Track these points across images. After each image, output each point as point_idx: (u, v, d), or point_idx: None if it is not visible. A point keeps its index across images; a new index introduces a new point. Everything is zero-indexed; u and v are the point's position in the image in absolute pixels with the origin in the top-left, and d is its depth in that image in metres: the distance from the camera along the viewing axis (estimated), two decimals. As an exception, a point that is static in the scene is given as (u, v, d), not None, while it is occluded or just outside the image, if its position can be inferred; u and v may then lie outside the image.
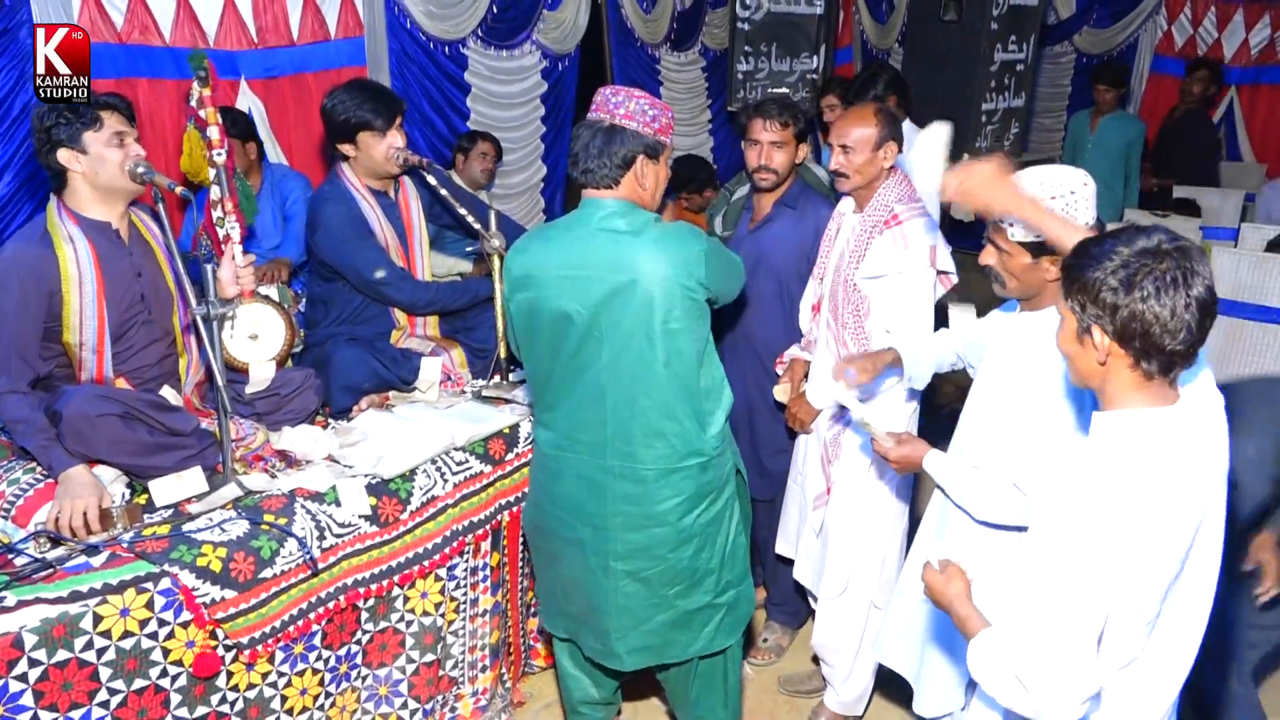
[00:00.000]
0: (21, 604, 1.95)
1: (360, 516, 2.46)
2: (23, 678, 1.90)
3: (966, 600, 1.64)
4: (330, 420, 2.81)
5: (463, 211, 2.94)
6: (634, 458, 2.23)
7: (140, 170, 2.37)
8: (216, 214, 2.80)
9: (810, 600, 3.11)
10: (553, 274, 2.19)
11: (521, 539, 2.89)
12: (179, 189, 2.35)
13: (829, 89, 4.63)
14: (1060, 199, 1.84)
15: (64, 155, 2.37)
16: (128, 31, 3.75)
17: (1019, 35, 5.86)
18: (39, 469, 2.29)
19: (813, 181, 3.23)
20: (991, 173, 1.84)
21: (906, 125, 4.07)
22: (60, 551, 2.13)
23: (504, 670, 2.97)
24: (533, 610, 3.00)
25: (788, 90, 5.70)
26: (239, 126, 3.70)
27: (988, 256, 1.97)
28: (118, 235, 2.49)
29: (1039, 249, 1.90)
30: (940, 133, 2.07)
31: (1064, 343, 1.54)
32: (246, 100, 4.16)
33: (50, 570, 2.06)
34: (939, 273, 2.65)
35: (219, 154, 2.68)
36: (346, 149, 2.91)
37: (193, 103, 2.65)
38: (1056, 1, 7.68)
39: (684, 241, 2.17)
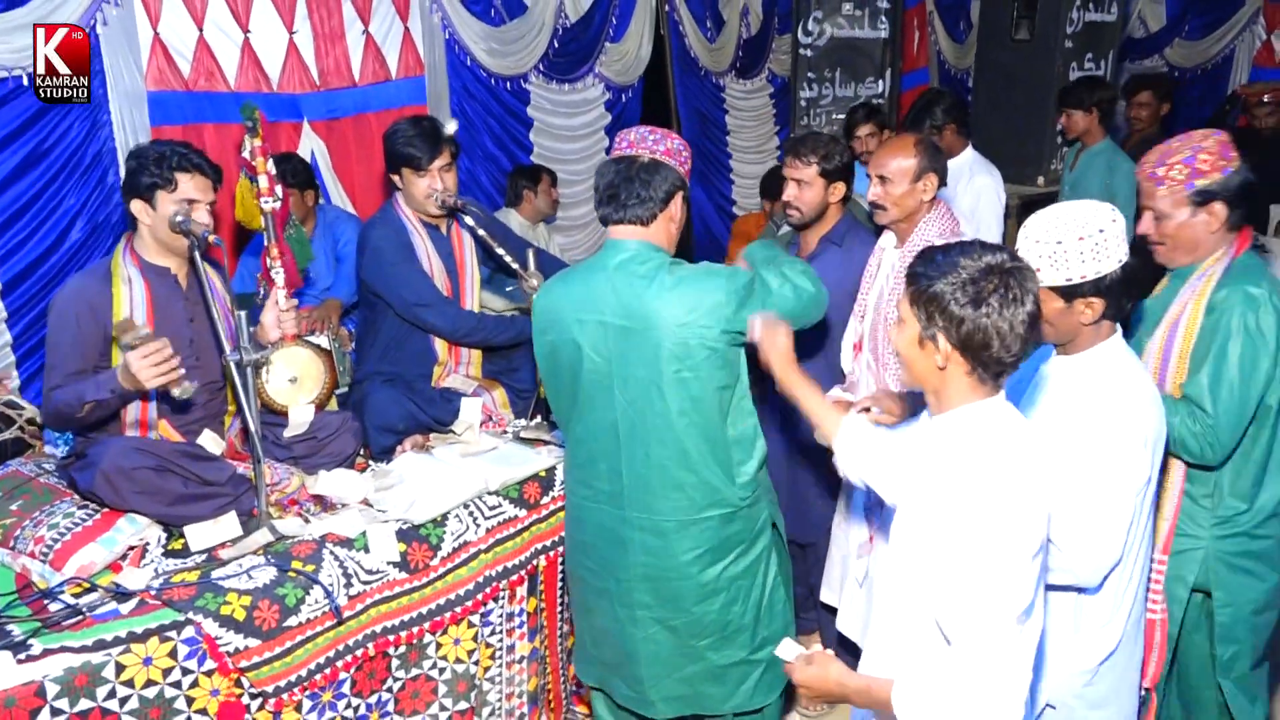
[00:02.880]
0: (47, 652, 1.98)
1: (389, 563, 2.44)
2: (45, 726, 1.93)
3: (851, 673, 1.67)
4: (370, 462, 2.82)
5: (500, 252, 2.93)
6: (651, 508, 2.18)
7: (178, 219, 2.42)
8: (268, 260, 2.86)
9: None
10: (570, 317, 2.16)
11: (560, 583, 2.84)
12: (212, 237, 2.40)
13: (859, 119, 4.31)
14: (1089, 239, 1.72)
15: (136, 206, 2.46)
16: (194, 79, 3.88)
17: (1096, 52, 5.63)
18: (78, 514, 2.34)
19: (863, 218, 3.13)
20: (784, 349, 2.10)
21: (969, 153, 3.93)
22: (93, 598, 2.17)
23: (544, 717, 2.91)
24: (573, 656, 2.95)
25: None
26: (299, 176, 3.79)
27: None
28: (176, 281, 2.56)
29: (1071, 293, 1.78)
30: None
31: (904, 346, 1.62)
32: (309, 141, 4.26)
33: (80, 617, 2.09)
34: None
35: (267, 201, 2.72)
36: (396, 179, 2.95)
37: (245, 154, 2.70)
38: (1145, 14, 7.38)
39: (703, 287, 2.10)
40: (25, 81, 3.43)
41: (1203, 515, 2.28)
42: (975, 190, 3.79)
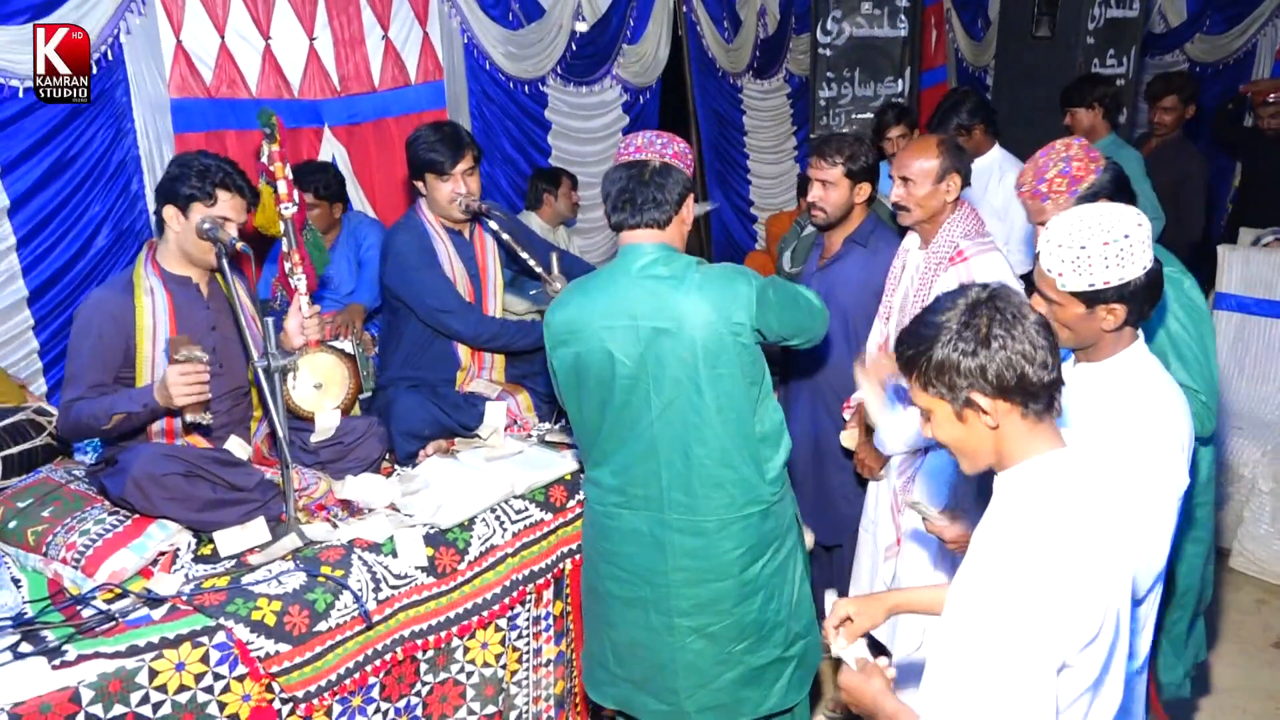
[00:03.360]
0: (81, 658, 1.99)
1: (417, 568, 2.45)
2: (80, 732, 1.94)
3: (889, 695, 1.59)
4: (395, 467, 2.83)
5: (524, 255, 2.93)
6: (693, 509, 2.18)
7: (206, 226, 2.43)
8: (287, 266, 2.87)
9: (887, 654, 2.96)
10: (596, 326, 2.16)
11: (586, 587, 2.84)
12: (240, 244, 2.41)
13: (890, 120, 4.28)
14: (1114, 244, 1.69)
15: (168, 212, 2.46)
16: (216, 86, 3.90)
17: (1118, 49, 5.59)
18: (109, 520, 2.35)
19: (887, 218, 3.12)
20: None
21: (997, 151, 3.91)
22: (125, 603, 2.18)
23: (570, 721, 2.92)
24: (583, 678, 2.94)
25: (872, 115, 5.56)
26: (331, 189, 3.81)
27: (1037, 306, 1.83)
28: (198, 290, 2.57)
29: (1094, 298, 1.75)
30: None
31: (946, 435, 1.49)
32: (330, 147, 4.28)
33: (113, 623, 2.11)
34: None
35: (286, 207, 2.73)
36: (419, 185, 2.96)
37: (263, 159, 2.71)
38: (1166, 9, 7.32)
39: (728, 284, 2.11)
40: (50, 90, 3.45)
41: None
42: (1007, 188, 3.77)
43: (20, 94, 3.39)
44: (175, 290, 2.53)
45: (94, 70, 3.58)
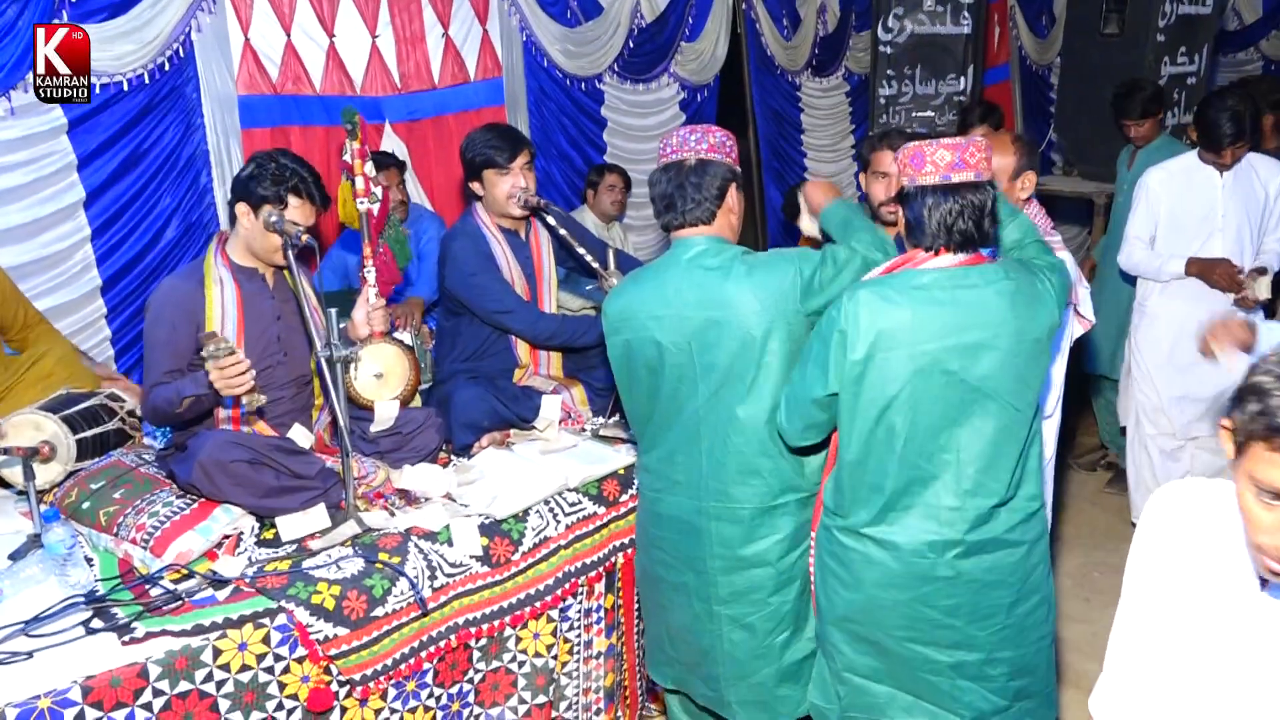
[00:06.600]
0: (149, 635, 2.06)
1: (472, 557, 2.48)
2: (147, 707, 2.00)
3: None
4: (452, 457, 2.87)
5: (581, 251, 2.96)
6: (729, 497, 2.21)
7: (273, 220, 2.49)
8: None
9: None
10: (646, 315, 2.21)
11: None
12: (305, 237, 2.46)
13: (975, 120, 4.21)
14: None
15: (241, 208, 2.53)
16: (281, 83, 3.98)
17: (1190, 46, 5.45)
18: (177, 503, 2.42)
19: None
20: None
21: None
22: (191, 584, 2.24)
23: (620, 713, 2.93)
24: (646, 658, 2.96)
25: (933, 114, 5.49)
26: (389, 156, 3.90)
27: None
28: (263, 280, 2.64)
29: None
30: None
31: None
32: (390, 143, 4.34)
33: (179, 602, 2.17)
34: (1077, 314, 2.46)
35: (363, 202, 2.77)
36: (476, 187, 3.00)
37: (346, 157, 2.76)
38: (1240, 5, 7.11)
39: (774, 271, 2.13)
40: (125, 87, 3.56)
41: None
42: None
43: (97, 89, 3.49)
44: (243, 282, 2.60)
45: (166, 67, 3.68)
